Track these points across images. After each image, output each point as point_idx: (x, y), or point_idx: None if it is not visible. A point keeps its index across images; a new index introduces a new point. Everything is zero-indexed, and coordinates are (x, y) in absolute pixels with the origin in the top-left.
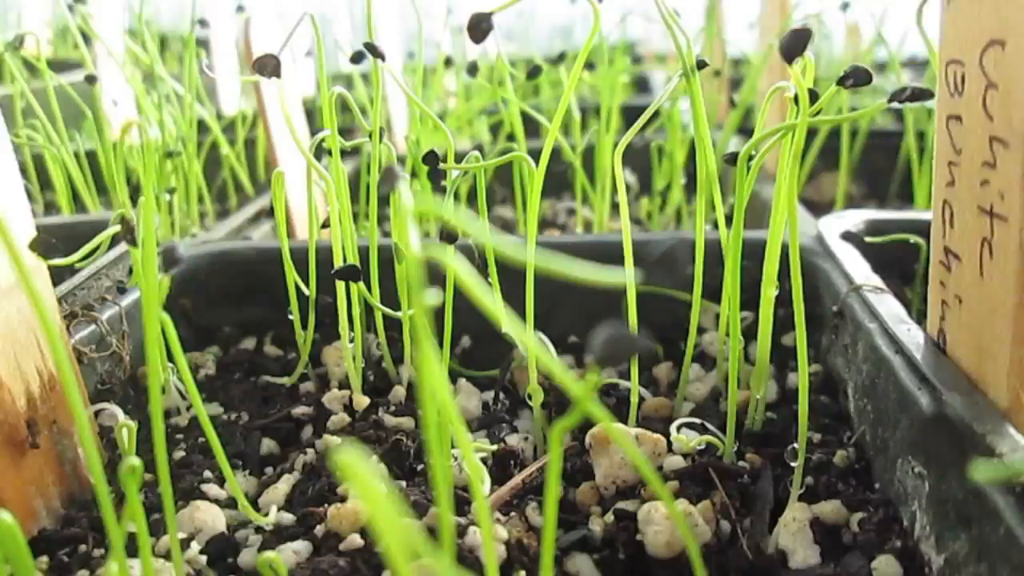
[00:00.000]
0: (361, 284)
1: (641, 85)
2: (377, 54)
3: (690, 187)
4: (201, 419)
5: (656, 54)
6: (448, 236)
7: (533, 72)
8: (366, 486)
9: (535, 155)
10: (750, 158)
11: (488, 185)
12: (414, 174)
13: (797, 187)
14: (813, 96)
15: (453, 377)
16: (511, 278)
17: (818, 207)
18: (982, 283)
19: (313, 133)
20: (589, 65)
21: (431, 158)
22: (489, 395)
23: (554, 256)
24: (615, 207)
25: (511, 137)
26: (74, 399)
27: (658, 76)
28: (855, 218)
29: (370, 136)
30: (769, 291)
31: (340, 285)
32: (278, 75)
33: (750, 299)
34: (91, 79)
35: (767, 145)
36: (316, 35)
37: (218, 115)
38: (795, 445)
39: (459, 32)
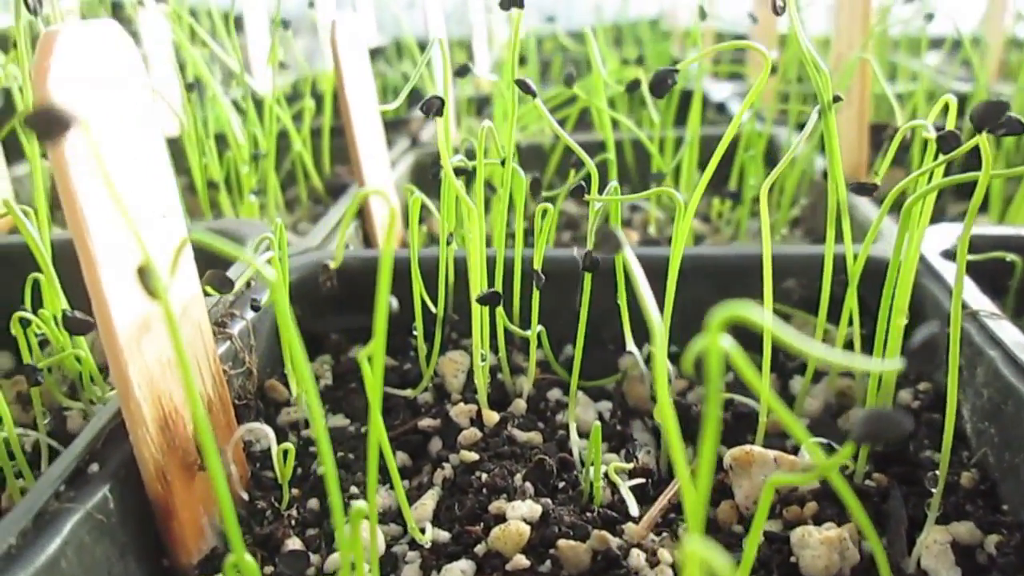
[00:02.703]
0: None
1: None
2: (529, 91)
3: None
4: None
5: (685, 30)
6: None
7: (568, 79)
8: None
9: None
10: (874, 188)
11: (549, 181)
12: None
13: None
14: (955, 138)
15: (564, 387)
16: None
17: (881, 197)
18: None
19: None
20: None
21: (535, 186)
22: (602, 406)
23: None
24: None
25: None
26: (231, 424)
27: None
28: (950, 234)
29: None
30: (900, 320)
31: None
32: (440, 115)
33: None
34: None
35: (917, 190)
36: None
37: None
38: (936, 472)
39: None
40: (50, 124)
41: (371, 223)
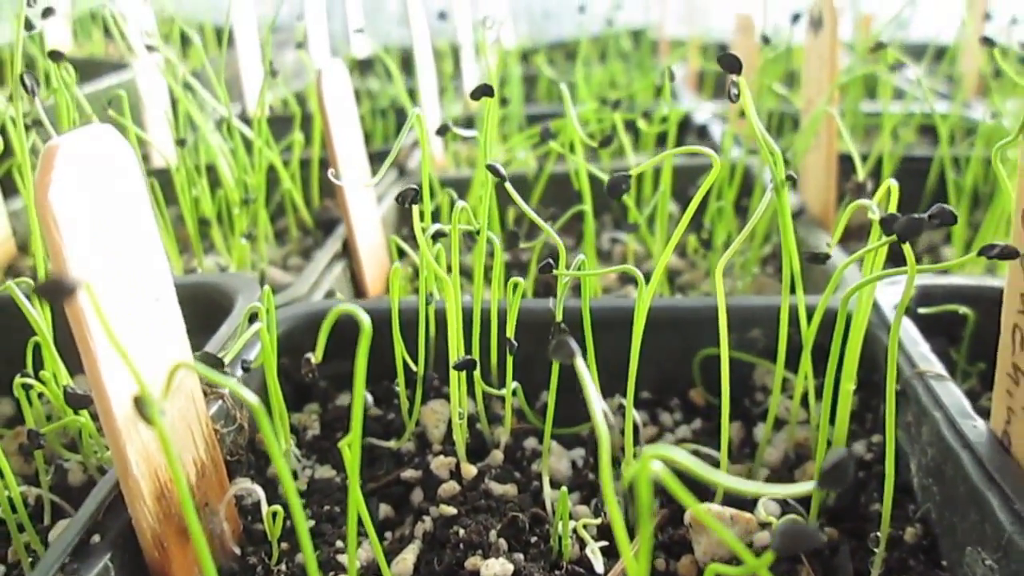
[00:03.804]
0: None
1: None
2: (498, 175)
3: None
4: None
5: (672, 40)
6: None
7: (545, 133)
8: None
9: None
10: (826, 257)
11: (535, 207)
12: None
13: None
14: (896, 220)
15: (540, 435)
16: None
17: (849, 231)
18: None
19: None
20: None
21: (513, 238)
22: (576, 453)
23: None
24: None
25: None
26: (223, 483)
27: (678, 72)
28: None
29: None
30: (849, 386)
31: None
32: (416, 203)
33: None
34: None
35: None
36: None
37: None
38: (877, 534)
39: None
40: (59, 291)
41: (358, 263)
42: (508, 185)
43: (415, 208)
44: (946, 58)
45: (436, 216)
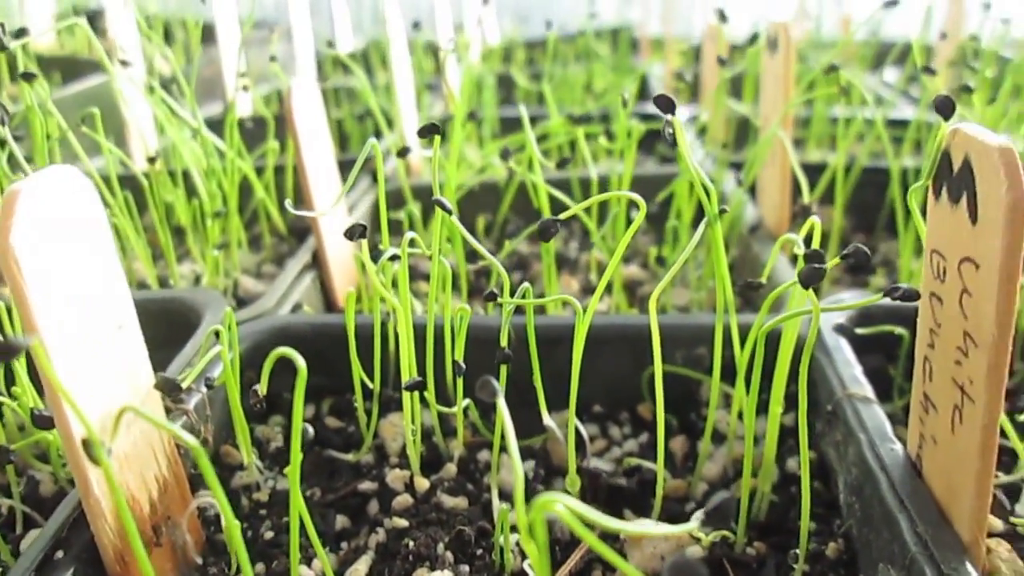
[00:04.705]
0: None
1: (642, 81)
2: (445, 209)
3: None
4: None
5: (653, 39)
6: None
7: (504, 154)
8: None
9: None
10: (759, 286)
11: (504, 217)
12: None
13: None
14: (818, 256)
15: (489, 446)
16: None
17: (808, 243)
18: (953, 439)
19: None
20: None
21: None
22: (527, 465)
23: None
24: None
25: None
26: (185, 496)
27: (656, 70)
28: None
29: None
30: (777, 409)
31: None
32: (363, 237)
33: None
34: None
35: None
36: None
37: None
38: (796, 551)
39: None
40: (8, 352)
41: (328, 274)
42: (453, 218)
43: (363, 242)
44: (917, 60)
45: (411, 225)
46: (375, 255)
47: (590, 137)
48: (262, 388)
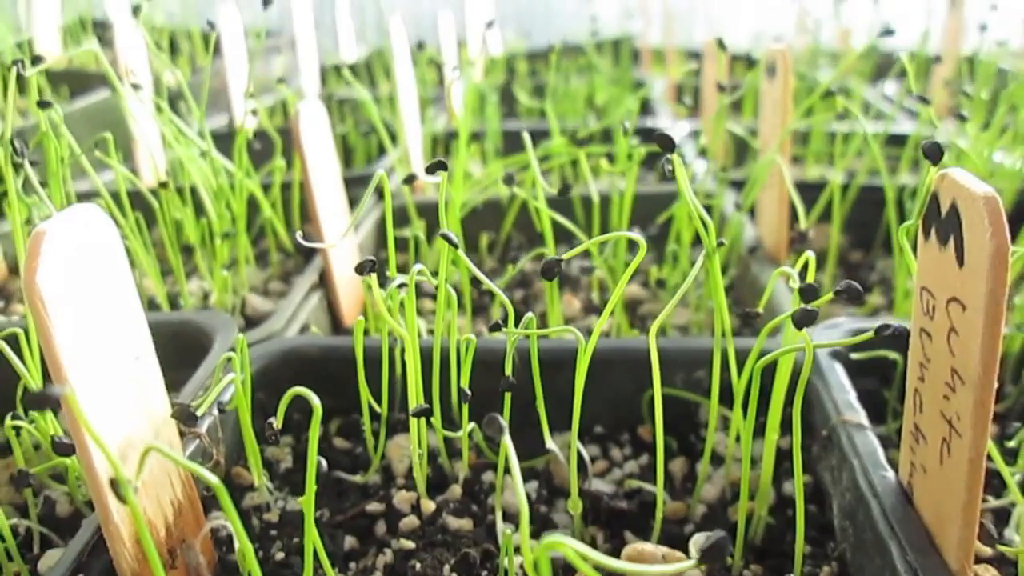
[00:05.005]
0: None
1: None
2: (452, 244)
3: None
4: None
5: (654, 49)
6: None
7: (508, 180)
8: None
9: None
10: (757, 315)
11: (507, 235)
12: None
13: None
14: (813, 291)
15: (494, 467)
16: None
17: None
18: (941, 470)
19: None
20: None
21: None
22: (530, 486)
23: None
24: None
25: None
26: (199, 519)
27: (658, 84)
28: (842, 330)
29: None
30: (773, 435)
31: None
32: (375, 271)
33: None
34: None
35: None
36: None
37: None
38: (792, 575)
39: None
40: (45, 402)
41: (335, 294)
42: (460, 252)
43: (372, 276)
44: (920, 73)
45: (416, 244)
46: (382, 282)
47: (591, 155)
48: (278, 422)
